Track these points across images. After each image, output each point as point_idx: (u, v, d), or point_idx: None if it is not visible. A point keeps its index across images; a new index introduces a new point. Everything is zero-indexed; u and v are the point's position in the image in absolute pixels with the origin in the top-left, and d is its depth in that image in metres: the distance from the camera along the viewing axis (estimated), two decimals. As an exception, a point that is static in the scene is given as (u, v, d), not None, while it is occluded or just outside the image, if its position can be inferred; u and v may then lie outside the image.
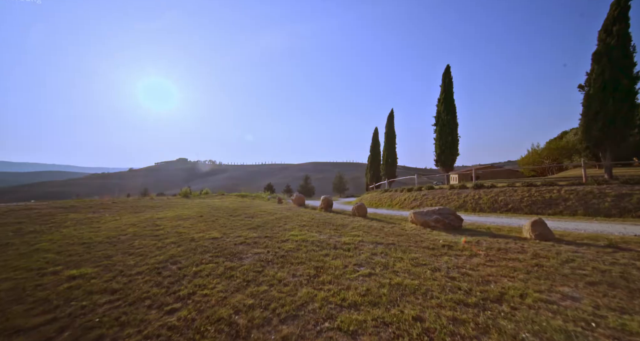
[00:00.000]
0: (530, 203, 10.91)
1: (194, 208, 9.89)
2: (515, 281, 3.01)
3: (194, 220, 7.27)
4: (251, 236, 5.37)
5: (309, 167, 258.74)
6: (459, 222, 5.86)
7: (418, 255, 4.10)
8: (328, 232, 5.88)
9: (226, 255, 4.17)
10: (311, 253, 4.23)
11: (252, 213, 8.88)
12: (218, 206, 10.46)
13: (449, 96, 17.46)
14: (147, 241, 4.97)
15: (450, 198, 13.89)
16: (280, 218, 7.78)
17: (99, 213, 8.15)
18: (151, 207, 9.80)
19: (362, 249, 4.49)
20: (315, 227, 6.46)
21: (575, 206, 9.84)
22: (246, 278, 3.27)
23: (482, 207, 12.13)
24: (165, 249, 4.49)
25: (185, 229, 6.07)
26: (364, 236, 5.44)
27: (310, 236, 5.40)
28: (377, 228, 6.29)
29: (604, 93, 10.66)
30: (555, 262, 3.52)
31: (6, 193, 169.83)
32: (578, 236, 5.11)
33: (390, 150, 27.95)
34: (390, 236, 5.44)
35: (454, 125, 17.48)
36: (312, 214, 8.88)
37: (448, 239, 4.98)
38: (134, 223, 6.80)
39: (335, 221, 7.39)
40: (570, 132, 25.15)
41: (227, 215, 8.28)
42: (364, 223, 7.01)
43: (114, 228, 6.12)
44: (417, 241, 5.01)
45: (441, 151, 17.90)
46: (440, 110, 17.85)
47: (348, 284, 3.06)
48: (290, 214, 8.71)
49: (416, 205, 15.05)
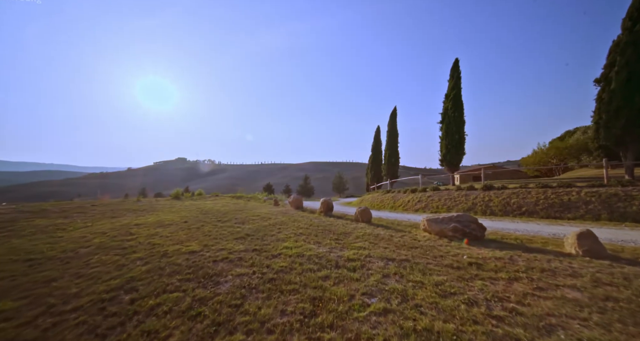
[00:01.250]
0: (547, 205, 10.06)
1: (181, 211, 9.02)
2: (593, 328, 2.15)
3: (176, 227, 6.40)
4: (237, 250, 4.50)
5: (309, 167, 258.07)
6: (482, 232, 5.00)
7: (442, 278, 3.24)
8: (328, 243, 5.02)
9: (200, 278, 3.30)
10: (307, 275, 3.36)
11: (243, 217, 8.02)
12: (208, 210, 9.60)
13: (458, 92, 16.58)
14: (108, 257, 4.09)
15: (458, 200, 13.05)
16: (274, 224, 6.92)
17: (70, 219, 7.28)
18: (134, 211, 8.92)
19: (370, 268, 3.63)
20: (313, 236, 5.60)
21: (598, 209, 9.00)
22: (217, 318, 2.40)
23: (493, 210, 11.28)
24: (127, 268, 3.62)
25: (161, 239, 5.19)
26: (370, 249, 4.58)
27: (306, 249, 4.53)
28: (385, 238, 5.43)
29: (629, 87, 9.81)
30: (630, 294, 2.67)
31: (3, 192, 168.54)
32: (635, 252, 4.24)
33: (392, 149, 27.07)
34: (402, 249, 4.57)
35: (461, 123, 16.62)
36: (310, 219, 8.02)
37: (473, 255, 4.12)
38: (105, 231, 5.93)
39: (336, 228, 6.53)
40: (578, 131, 24.34)
41: (216, 220, 7.41)
42: (369, 231, 6.14)
43: (78, 238, 5.24)
44: (436, 256, 4.14)
45: (447, 150, 17.03)
46: (447, 107, 16.95)
47: (357, 330, 2.20)
48: (285, 219, 7.85)
49: (421, 207, 14.22)
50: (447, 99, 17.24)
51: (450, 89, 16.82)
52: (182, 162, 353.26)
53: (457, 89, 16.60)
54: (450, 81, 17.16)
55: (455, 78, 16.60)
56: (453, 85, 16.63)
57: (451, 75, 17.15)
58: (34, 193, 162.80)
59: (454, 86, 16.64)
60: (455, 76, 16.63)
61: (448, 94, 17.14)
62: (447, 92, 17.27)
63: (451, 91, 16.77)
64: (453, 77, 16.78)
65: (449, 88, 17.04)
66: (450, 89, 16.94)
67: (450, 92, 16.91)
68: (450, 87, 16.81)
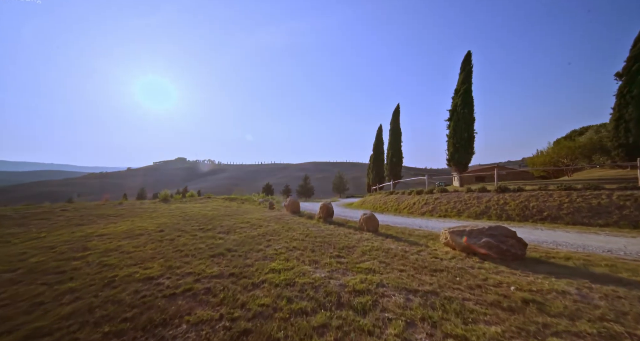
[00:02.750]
0: (573, 210, 8.99)
1: (161, 217, 7.96)
2: None
3: (146, 239, 5.34)
4: (208, 274, 3.45)
5: (309, 166, 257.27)
6: (522, 249, 3.93)
7: (495, 330, 2.18)
8: (327, 262, 3.96)
9: (138, 330, 2.25)
10: (296, 324, 2.31)
11: (230, 225, 6.96)
12: (193, 215, 8.55)
13: (468, 87, 15.45)
14: (30, 288, 3.04)
15: (469, 203, 11.99)
16: (264, 234, 5.86)
17: (25, 227, 6.22)
18: (107, 216, 7.87)
19: (386, 308, 2.58)
20: (309, 251, 4.55)
21: (635, 215, 7.92)
22: None
23: (509, 214, 10.22)
24: (42, 310, 2.56)
25: (118, 257, 4.14)
26: (382, 273, 3.52)
27: (299, 273, 3.48)
28: (398, 255, 4.37)
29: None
30: None
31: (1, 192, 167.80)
32: None
33: (395, 148, 25.99)
34: (423, 273, 3.52)
35: (471, 120, 15.52)
36: (308, 226, 6.96)
37: (523, 284, 3.06)
38: (56, 244, 4.87)
39: (337, 239, 5.47)
40: (590, 130, 23.22)
41: (197, 229, 6.36)
42: (377, 244, 5.09)
43: (14, 255, 4.19)
44: (472, 286, 3.08)
45: (455, 149, 15.94)
46: (456, 103, 15.84)
47: None
48: (279, 227, 6.79)
49: (428, 210, 13.16)
50: (456, 95, 16.15)
51: (460, 84, 15.72)
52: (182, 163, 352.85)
53: (468, 84, 15.51)
54: (460, 75, 16.06)
55: (466, 72, 15.50)
56: (463, 79, 15.54)
57: (462, 68, 16.05)
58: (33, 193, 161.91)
59: (464, 80, 15.55)
60: (467, 70, 15.53)
61: (457, 89, 16.04)
62: (457, 87, 16.17)
63: (461, 86, 15.68)
64: (464, 71, 15.68)
65: (459, 83, 15.94)
66: (460, 84, 15.84)
67: (459, 87, 15.81)
68: (460, 82, 15.71)
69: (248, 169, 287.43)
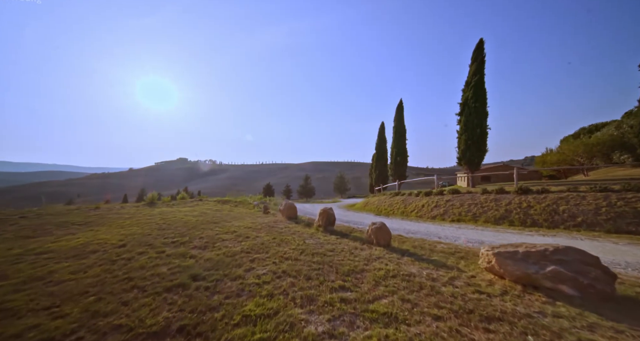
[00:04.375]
0: (614, 215, 7.75)
1: (134, 226, 6.79)
2: None
3: (95, 259, 4.16)
4: (144, 330, 2.26)
5: (309, 166, 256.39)
6: (610, 283, 2.72)
7: None
8: (327, 300, 2.77)
9: None
10: None
11: (212, 236, 5.78)
12: (173, 222, 7.38)
13: (480, 78, 14.13)
14: None
15: (486, 206, 10.76)
16: (248, 251, 4.67)
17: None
18: (70, 225, 6.71)
19: None
20: (303, 279, 3.36)
21: (695, 222, 6.69)
22: None
23: (535, 219, 8.99)
24: None
25: (31, 294, 2.95)
26: (409, 322, 2.33)
27: (284, 324, 2.30)
28: (424, 285, 3.17)
29: None
30: None
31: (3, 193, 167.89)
32: None
33: (399, 147, 24.70)
34: (472, 325, 2.32)
35: (484, 114, 14.23)
36: (304, 237, 5.76)
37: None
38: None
39: (340, 259, 4.27)
40: (608, 126, 21.85)
41: (169, 242, 5.18)
42: (392, 267, 3.88)
43: None
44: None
45: (466, 146, 14.65)
46: (467, 96, 14.53)
47: None
48: (269, 239, 5.59)
49: (439, 214, 11.93)
50: (467, 87, 14.85)
51: (472, 75, 14.42)
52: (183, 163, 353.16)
53: (480, 75, 14.22)
54: (471, 65, 14.74)
55: (478, 62, 14.20)
56: (475, 70, 14.24)
57: (473, 58, 14.73)
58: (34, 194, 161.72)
59: (476, 71, 14.25)
60: (479, 60, 14.23)
61: (468, 80, 14.74)
62: (468, 79, 14.86)
63: (472, 77, 14.39)
64: (476, 61, 14.37)
65: (470, 74, 14.63)
66: (471, 75, 14.54)
67: (471, 79, 14.51)
68: (472, 73, 14.41)
69: (249, 169, 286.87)
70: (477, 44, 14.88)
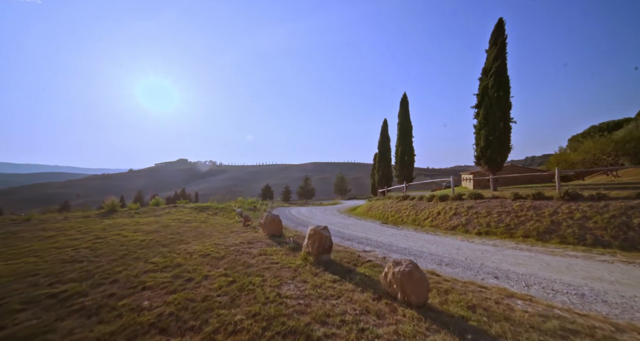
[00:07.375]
0: None
1: (37, 252, 4.65)
2: None
3: None
4: None
5: (310, 167, 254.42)
6: None
7: None
8: None
9: None
10: None
11: (135, 275, 3.61)
12: (109, 244, 5.23)
13: (502, 64, 11.87)
14: None
15: (522, 215, 8.56)
16: (171, 318, 2.52)
17: None
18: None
19: None
20: None
21: None
22: None
23: (597, 236, 6.78)
24: None
25: None
26: None
27: None
28: None
29: None
30: None
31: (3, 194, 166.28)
32: None
33: (405, 145, 22.48)
34: None
35: (507, 105, 12.05)
36: (281, 278, 3.61)
37: None
38: None
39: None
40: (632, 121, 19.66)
41: (42, 297, 3.03)
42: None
43: None
44: None
45: (486, 143, 12.45)
46: (486, 84, 12.29)
47: None
48: (223, 282, 3.41)
49: (460, 224, 9.72)
50: (485, 75, 12.64)
51: (491, 61, 12.18)
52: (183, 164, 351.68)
53: (502, 59, 12.02)
54: (490, 50, 12.48)
55: (499, 45, 11.99)
56: (496, 54, 12.02)
57: (492, 42, 12.49)
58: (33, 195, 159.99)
59: (497, 55, 12.04)
60: (499, 43, 12.02)
61: (487, 67, 12.48)
62: (486, 66, 12.61)
63: (492, 63, 12.17)
64: (496, 44, 12.14)
65: (489, 60, 12.39)
66: (490, 61, 12.29)
67: (490, 65, 12.27)
68: (492, 59, 12.17)
69: (249, 169, 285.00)
70: (496, 25, 12.64)
